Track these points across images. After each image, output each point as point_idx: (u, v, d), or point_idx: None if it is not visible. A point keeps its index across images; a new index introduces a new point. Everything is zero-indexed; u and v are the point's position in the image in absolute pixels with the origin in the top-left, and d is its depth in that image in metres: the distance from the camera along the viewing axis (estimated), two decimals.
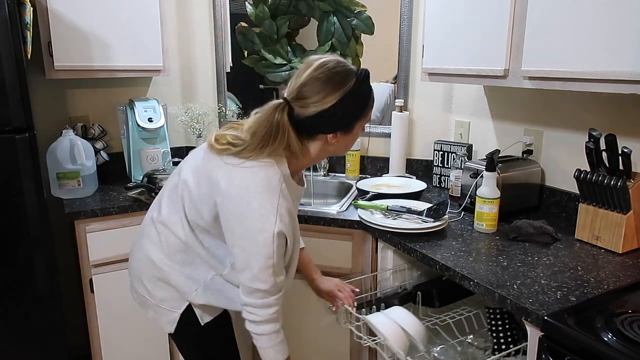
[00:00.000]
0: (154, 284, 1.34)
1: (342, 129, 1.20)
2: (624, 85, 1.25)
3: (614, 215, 1.47)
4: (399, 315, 1.43)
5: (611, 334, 1.02)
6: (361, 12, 2.27)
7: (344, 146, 1.26)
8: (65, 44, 1.96)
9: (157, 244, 1.32)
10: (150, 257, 1.33)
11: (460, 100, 2.23)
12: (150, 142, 2.23)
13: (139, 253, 1.37)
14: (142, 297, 1.38)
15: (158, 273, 1.32)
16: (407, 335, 1.38)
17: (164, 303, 1.34)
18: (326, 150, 1.25)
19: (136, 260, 1.39)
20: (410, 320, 1.41)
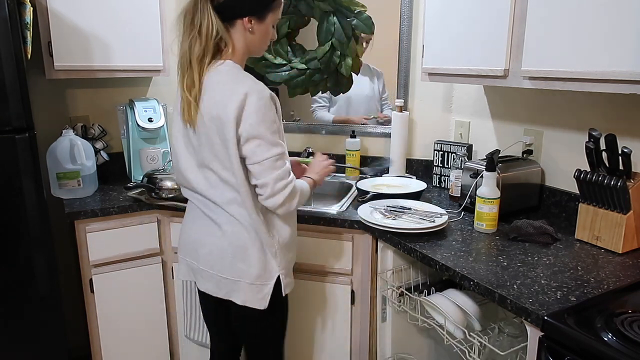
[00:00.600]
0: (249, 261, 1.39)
1: (256, 14, 1.34)
2: (624, 85, 1.25)
3: (614, 215, 1.47)
4: (456, 295, 1.52)
5: (611, 334, 1.02)
6: (361, 12, 2.27)
7: (260, 37, 1.39)
8: (65, 44, 1.96)
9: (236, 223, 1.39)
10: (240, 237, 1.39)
11: (460, 100, 2.23)
12: (150, 142, 2.23)
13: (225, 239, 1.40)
14: (230, 284, 1.42)
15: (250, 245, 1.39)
16: (465, 314, 1.46)
17: (260, 278, 1.41)
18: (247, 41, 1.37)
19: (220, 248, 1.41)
20: (467, 301, 1.50)
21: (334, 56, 2.34)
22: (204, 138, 1.35)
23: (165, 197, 1.97)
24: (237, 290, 1.42)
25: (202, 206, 1.45)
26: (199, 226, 1.47)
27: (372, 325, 1.85)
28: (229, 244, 1.40)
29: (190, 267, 1.52)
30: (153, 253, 2.01)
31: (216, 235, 1.42)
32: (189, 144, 1.41)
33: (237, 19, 1.34)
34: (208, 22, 1.30)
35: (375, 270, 1.78)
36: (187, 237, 1.52)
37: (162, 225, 2.01)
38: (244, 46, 1.38)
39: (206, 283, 1.47)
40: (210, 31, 1.31)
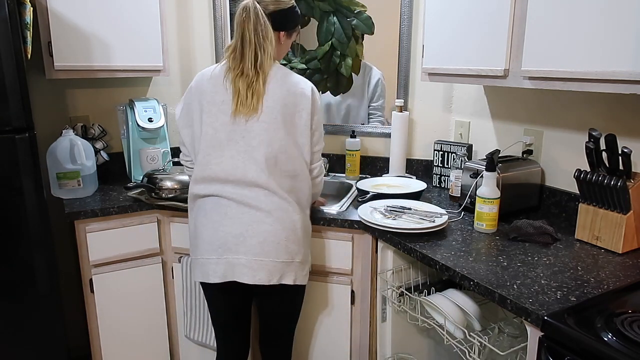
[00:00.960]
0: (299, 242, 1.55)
1: (288, 30, 1.61)
2: (624, 85, 1.25)
3: (614, 215, 1.47)
4: (456, 295, 1.53)
5: (611, 334, 1.02)
6: (361, 12, 2.27)
7: (284, 49, 1.66)
8: (65, 44, 1.96)
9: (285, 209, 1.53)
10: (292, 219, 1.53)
11: (460, 100, 2.23)
12: (150, 142, 2.23)
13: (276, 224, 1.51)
14: (283, 266, 1.52)
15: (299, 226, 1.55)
16: (465, 314, 1.47)
17: (306, 255, 1.60)
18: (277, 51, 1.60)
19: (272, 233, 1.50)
20: (467, 301, 1.51)
21: (334, 56, 2.34)
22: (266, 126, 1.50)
23: (165, 197, 1.97)
24: (290, 272, 1.54)
25: (241, 198, 1.50)
26: (239, 220, 1.50)
27: (372, 325, 1.85)
28: (283, 228, 1.51)
29: (231, 265, 1.49)
30: (153, 253, 2.01)
31: (267, 222, 1.50)
32: (236, 136, 1.51)
33: (276, 31, 1.57)
34: (270, 31, 1.52)
35: (375, 270, 1.78)
36: (222, 235, 1.50)
37: (162, 225, 2.01)
38: (277, 54, 1.62)
39: (258, 273, 1.49)
40: (274, 38, 1.54)
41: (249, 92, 1.50)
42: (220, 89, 1.53)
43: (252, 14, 1.49)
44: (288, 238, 1.52)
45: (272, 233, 1.50)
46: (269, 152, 1.50)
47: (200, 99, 1.55)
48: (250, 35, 1.50)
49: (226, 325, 1.69)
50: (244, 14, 1.50)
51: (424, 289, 1.67)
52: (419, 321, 1.61)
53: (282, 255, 1.52)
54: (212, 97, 1.53)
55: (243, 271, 1.49)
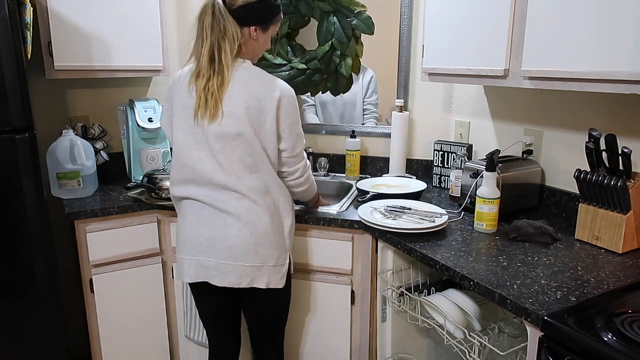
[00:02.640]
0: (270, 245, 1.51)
1: (261, 24, 1.49)
2: (624, 85, 1.25)
3: (614, 215, 1.47)
4: (456, 295, 1.52)
5: (611, 334, 1.02)
6: (361, 12, 2.27)
7: (260, 45, 1.54)
8: (65, 44, 1.96)
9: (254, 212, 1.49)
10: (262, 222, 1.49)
11: (460, 100, 2.23)
12: (150, 142, 2.23)
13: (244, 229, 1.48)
14: (253, 271, 1.50)
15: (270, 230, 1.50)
16: (465, 314, 1.47)
17: (280, 259, 1.54)
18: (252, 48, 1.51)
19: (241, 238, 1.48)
20: (467, 301, 1.50)
21: (334, 56, 2.34)
22: (230, 129, 1.43)
23: (165, 197, 1.97)
24: (261, 275, 1.51)
25: (212, 201, 1.49)
26: (211, 223, 1.50)
27: (372, 325, 1.85)
28: (252, 233, 1.48)
29: (202, 266, 1.52)
30: (153, 253, 2.01)
31: (236, 226, 1.48)
32: (202, 138, 1.46)
33: (245, 26, 1.46)
34: (232, 27, 1.42)
35: (375, 270, 1.78)
36: (196, 237, 1.52)
37: (162, 225, 2.01)
38: (250, 51, 1.52)
39: (227, 276, 1.50)
40: (236, 35, 1.43)
41: (208, 95, 1.42)
42: (186, 91, 1.48)
43: (209, 9, 1.41)
44: (257, 243, 1.49)
45: (240, 238, 1.48)
46: (234, 156, 1.46)
47: (172, 102, 1.53)
48: (207, 32, 1.42)
49: (213, 325, 1.71)
50: (202, 10, 1.44)
51: (424, 289, 1.67)
52: (419, 321, 1.61)
53: (252, 260, 1.49)
54: (180, 100, 1.50)
55: (213, 273, 1.51)
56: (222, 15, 1.41)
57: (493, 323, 1.55)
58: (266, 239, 1.50)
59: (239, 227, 1.48)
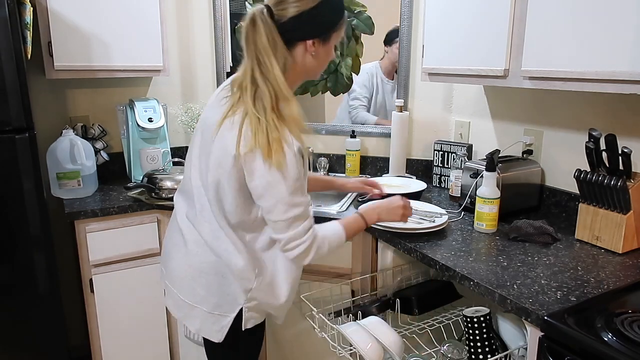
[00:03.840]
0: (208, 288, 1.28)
1: (320, 36, 1.21)
2: (624, 85, 1.25)
3: (614, 215, 1.47)
4: (373, 325, 1.40)
5: (611, 334, 1.02)
6: (361, 12, 2.27)
7: (321, 60, 1.25)
8: (65, 44, 1.96)
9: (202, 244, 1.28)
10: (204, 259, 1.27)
11: (460, 100, 2.23)
12: (150, 142, 2.23)
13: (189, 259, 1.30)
14: (187, 307, 1.32)
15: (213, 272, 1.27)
16: (382, 345, 1.36)
17: (219, 308, 1.29)
18: (305, 64, 1.23)
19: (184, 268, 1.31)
20: (385, 331, 1.38)
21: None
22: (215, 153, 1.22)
23: (165, 197, 1.97)
24: (193, 317, 1.31)
25: (179, 216, 1.35)
26: (171, 238, 1.39)
27: None
28: (190, 265, 1.30)
29: (162, 276, 1.44)
30: (153, 253, 2.01)
31: (181, 252, 1.32)
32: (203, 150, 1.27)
33: (298, 41, 1.20)
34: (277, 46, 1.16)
35: (375, 270, 1.78)
36: (163, 245, 1.45)
37: (162, 225, 2.01)
38: (301, 70, 1.25)
39: (168, 300, 1.40)
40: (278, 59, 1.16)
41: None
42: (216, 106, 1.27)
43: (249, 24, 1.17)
44: (194, 279, 1.29)
45: (180, 265, 1.32)
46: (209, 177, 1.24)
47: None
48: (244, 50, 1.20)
49: None
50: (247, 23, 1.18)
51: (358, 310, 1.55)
52: (337, 350, 1.47)
53: (185, 295, 1.31)
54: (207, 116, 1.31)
55: (166, 290, 1.41)
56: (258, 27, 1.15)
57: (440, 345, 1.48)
58: (204, 279, 1.28)
59: (183, 253, 1.31)
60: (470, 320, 1.41)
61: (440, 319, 1.59)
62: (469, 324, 1.42)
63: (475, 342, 1.41)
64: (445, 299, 1.65)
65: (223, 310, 1.29)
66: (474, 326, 1.41)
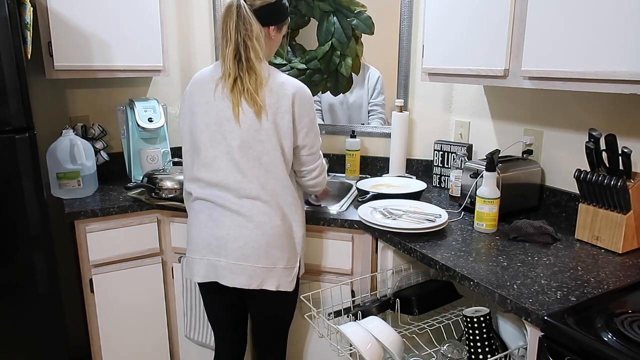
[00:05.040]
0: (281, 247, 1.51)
1: (277, 23, 1.54)
2: (624, 85, 1.25)
3: (614, 215, 1.47)
4: (374, 325, 1.42)
5: (611, 334, 1.02)
6: (361, 12, 2.27)
7: (275, 45, 1.59)
8: (65, 44, 1.96)
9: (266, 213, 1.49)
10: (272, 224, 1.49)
11: (460, 100, 2.23)
12: (150, 142, 2.23)
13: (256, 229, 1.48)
14: (264, 272, 1.50)
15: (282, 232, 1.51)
16: (382, 345, 1.36)
17: (290, 261, 1.54)
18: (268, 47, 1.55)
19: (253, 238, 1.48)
20: (385, 331, 1.40)
21: (334, 56, 2.34)
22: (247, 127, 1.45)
23: (165, 197, 1.97)
24: (271, 277, 1.51)
25: (224, 202, 1.49)
26: (223, 223, 1.50)
27: None
28: (264, 234, 1.49)
29: (213, 266, 1.52)
30: (153, 253, 2.01)
31: (248, 227, 1.48)
32: (217, 137, 1.48)
33: (265, 26, 1.49)
34: (257, 26, 1.45)
35: (375, 270, 1.78)
36: (207, 237, 1.52)
37: (162, 225, 2.01)
38: (267, 51, 1.55)
39: (238, 277, 1.50)
40: (261, 34, 1.46)
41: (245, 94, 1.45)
42: (210, 91, 1.49)
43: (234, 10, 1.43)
44: (269, 244, 1.49)
45: (252, 238, 1.48)
46: (250, 155, 1.47)
47: (191, 103, 1.53)
48: (231, 33, 1.44)
49: (219, 324, 1.71)
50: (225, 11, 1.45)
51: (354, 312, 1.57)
52: (338, 350, 1.52)
53: (263, 261, 1.50)
54: (203, 100, 1.50)
55: (223, 273, 1.51)
56: (247, 15, 1.43)
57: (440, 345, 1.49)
58: (278, 240, 1.51)
59: (251, 227, 1.48)
60: (470, 320, 1.41)
61: (440, 319, 1.59)
62: (469, 324, 1.42)
63: (475, 342, 1.41)
64: (445, 299, 1.65)
65: (293, 262, 1.55)
66: (474, 326, 1.41)
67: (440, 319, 1.59)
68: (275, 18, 1.52)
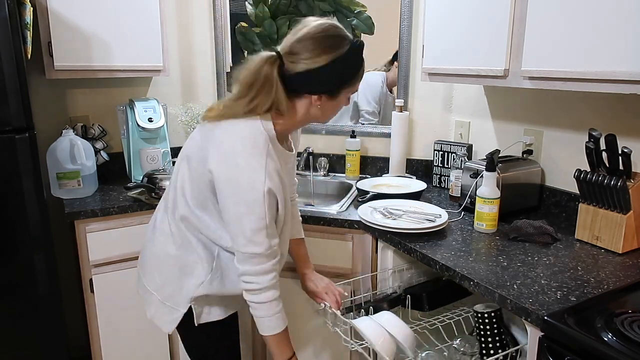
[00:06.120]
0: (165, 277, 1.33)
1: (328, 92, 1.22)
2: (624, 85, 1.25)
3: (614, 215, 1.47)
4: (386, 319, 1.40)
5: (611, 334, 1.02)
6: (361, 12, 2.27)
7: (327, 112, 1.27)
8: (65, 44, 1.96)
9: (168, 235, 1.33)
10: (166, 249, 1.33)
11: (460, 100, 2.23)
12: (150, 142, 2.23)
13: (154, 247, 1.38)
14: (145, 293, 1.40)
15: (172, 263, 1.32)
16: (395, 340, 1.36)
17: (171, 300, 1.33)
18: (309, 113, 1.25)
19: (149, 255, 1.40)
20: (398, 325, 1.38)
21: None
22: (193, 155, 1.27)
23: None
24: (150, 304, 1.38)
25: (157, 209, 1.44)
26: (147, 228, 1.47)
27: None
28: (151, 253, 1.38)
29: None
30: None
31: (149, 239, 1.41)
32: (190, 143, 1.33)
33: (304, 94, 1.22)
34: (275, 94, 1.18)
35: (375, 270, 1.78)
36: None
37: None
38: (304, 116, 1.26)
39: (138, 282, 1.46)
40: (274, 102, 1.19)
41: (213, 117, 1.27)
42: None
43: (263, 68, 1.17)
44: (154, 266, 1.36)
45: (148, 250, 1.39)
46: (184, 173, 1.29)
47: None
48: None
49: None
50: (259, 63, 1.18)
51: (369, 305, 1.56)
52: (349, 344, 1.48)
53: (147, 280, 1.38)
54: None
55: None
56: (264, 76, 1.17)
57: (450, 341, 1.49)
58: (164, 267, 1.33)
59: (150, 239, 1.40)
60: (481, 315, 1.43)
61: (451, 315, 1.59)
62: (480, 319, 1.43)
63: (486, 337, 1.43)
64: (456, 295, 1.65)
65: (175, 302, 1.32)
66: (484, 321, 1.42)
67: (450, 315, 1.59)
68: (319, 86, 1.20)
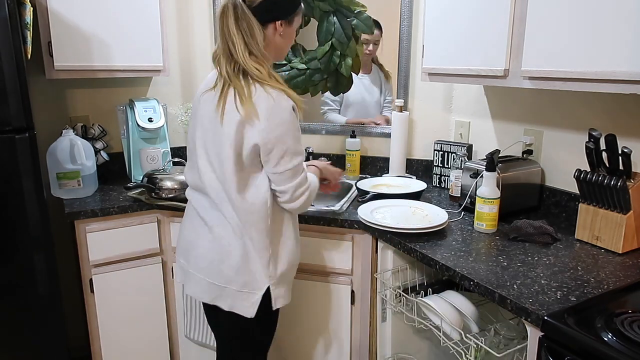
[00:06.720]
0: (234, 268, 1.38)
1: (286, 18, 1.36)
2: (624, 85, 1.25)
3: (614, 215, 1.47)
4: (454, 297, 1.50)
5: (611, 334, 1.02)
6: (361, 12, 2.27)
7: (287, 40, 1.41)
8: (65, 44, 1.96)
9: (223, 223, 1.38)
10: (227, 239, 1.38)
11: (460, 100, 2.23)
12: (150, 142, 2.23)
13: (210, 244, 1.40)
14: (217, 289, 1.41)
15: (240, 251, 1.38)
16: (462, 316, 1.45)
17: (247, 286, 1.39)
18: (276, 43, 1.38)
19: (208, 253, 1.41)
20: (465, 303, 1.47)
21: (334, 56, 2.34)
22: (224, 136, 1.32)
23: (165, 197, 1.97)
24: (224, 297, 1.41)
25: (198, 206, 1.45)
26: (192, 227, 1.47)
27: (372, 325, 1.85)
28: (217, 248, 1.40)
29: (183, 270, 1.51)
30: (153, 253, 2.01)
31: (207, 237, 1.42)
32: (205, 141, 1.38)
33: (270, 22, 1.34)
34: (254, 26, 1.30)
35: (375, 270, 1.78)
36: (182, 239, 1.52)
37: (162, 225, 2.01)
38: (273, 51, 1.39)
39: (194, 287, 1.46)
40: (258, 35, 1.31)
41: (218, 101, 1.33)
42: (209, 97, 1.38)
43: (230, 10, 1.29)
44: (222, 261, 1.39)
45: (208, 249, 1.41)
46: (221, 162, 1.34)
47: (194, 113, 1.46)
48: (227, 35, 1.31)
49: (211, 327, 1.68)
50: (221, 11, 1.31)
51: (422, 290, 1.65)
52: (416, 322, 1.60)
53: (215, 277, 1.41)
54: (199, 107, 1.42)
55: (187, 279, 1.49)
56: (244, 14, 1.29)
57: (490, 324, 1.54)
58: (231, 260, 1.38)
59: (209, 238, 1.41)
60: None
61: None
62: None
63: None
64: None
65: (251, 287, 1.40)
66: None
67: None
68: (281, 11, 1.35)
